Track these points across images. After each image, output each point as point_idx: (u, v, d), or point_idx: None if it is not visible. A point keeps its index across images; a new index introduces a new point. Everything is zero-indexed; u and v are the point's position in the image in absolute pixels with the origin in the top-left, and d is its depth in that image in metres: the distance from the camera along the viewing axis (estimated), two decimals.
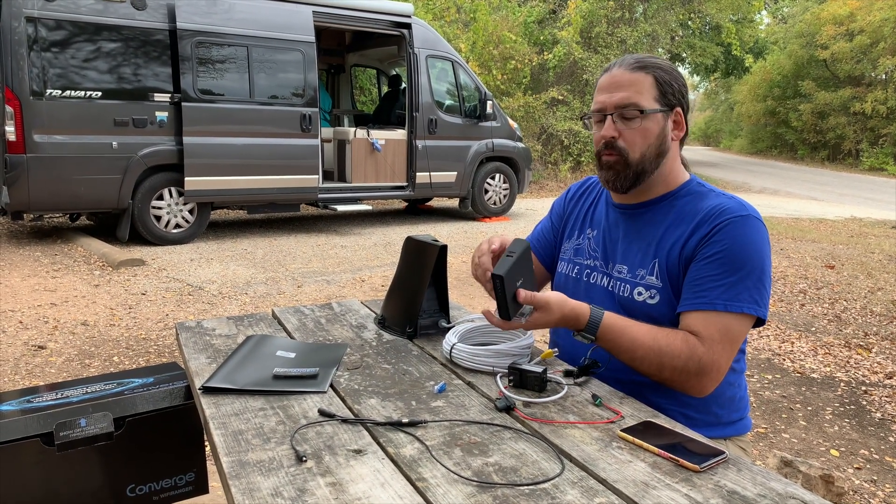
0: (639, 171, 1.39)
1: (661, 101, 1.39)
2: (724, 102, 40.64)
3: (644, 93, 1.37)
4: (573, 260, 1.57)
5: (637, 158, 1.38)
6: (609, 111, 1.39)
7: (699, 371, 1.26)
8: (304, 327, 1.64)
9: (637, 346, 1.27)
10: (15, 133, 5.87)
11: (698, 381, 1.27)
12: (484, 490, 0.90)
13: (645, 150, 1.38)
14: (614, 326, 1.28)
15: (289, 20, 7.20)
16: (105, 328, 4.15)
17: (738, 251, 1.29)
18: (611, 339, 1.28)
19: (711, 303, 1.28)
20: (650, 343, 1.27)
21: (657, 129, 1.39)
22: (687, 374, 1.26)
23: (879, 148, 22.46)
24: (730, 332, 1.27)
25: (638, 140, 1.38)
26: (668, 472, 0.96)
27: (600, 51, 15.65)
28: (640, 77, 1.38)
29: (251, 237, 7.49)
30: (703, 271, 1.30)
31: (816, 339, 4.30)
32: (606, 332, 1.28)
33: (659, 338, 1.27)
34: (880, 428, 3.08)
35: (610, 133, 1.38)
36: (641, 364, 1.28)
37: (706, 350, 1.26)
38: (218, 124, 6.80)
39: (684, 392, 1.31)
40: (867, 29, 21.98)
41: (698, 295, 1.30)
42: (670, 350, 1.26)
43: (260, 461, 0.97)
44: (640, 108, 1.37)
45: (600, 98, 1.41)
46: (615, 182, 1.41)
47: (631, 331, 1.28)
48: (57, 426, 1.42)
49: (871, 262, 6.82)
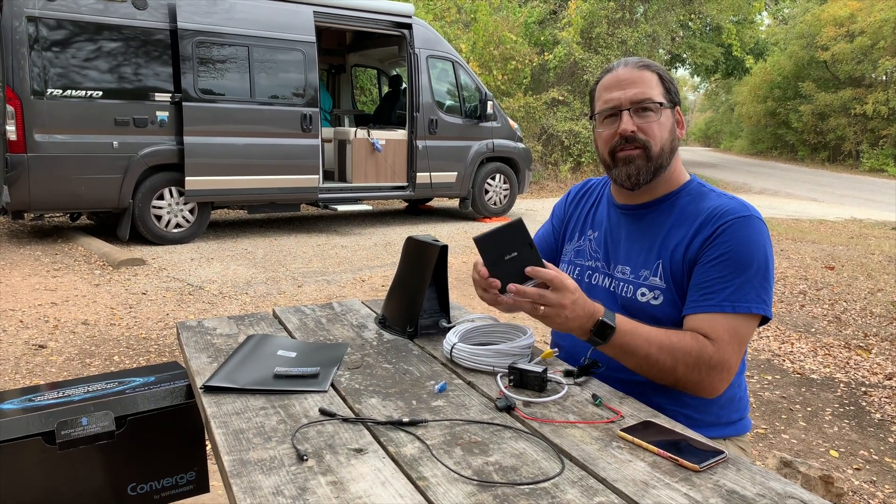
0: (658, 164, 1.40)
1: (667, 98, 1.41)
2: (725, 103, 40.67)
3: (654, 88, 1.40)
4: (574, 261, 1.57)
5: (658, 151, 1.39)
6: (625, 106, 1.39)
7: (710, 368, 1.25)
8: (304, 327, 1.64)
9: (652, 343, 1.25)
10: (16, 132, 5.87)
11: (710, 379, 1.27)
12: (484, 489, 0.91)
13: (664, 143, 1.40)
14: (627, 324, 1.26)
15: (289, 20, 7.20)
16: (105, 327, 4.16)
17: (743, 252, 1.29)
18: (627, 335, 1.24)
19: (719, 305, 1.28)
20: (663, 339, 1.26)
21: (669, 123, 1.41)
22: (699, 372, 1.25)
23: (880, 149, 22.47)
24: (738, 333, 1.28)
25: (657, 132, 1.39)
26: (668, 471, 0.96)
27: (601, 51, 15.65)
28: (646, 74, 1.41)
29: (252, 237, 7.49)
30: (709, 273, 1.30)
31: (816, 340, 4.30)
32: (624, 322, 1.25)
33: (670, 335, 1.27)
34: (880, 429, 3.09)
35: (630, 126, 1.38)
36: (656, 363, 1.26)
37: (716, 349, 1.26)
38: (218, 124, 6.80)
39: (696, 392, 1.30)
40: (868, 30, 21.99)
41: (705, 297, 1.29)
42: (682, 346, 1.25)
43: (261, 460, 0.98)
44: (656, 101, 1.38)
45: (612, 95, 1.41)
46: (638, 176, 1.40)
47: (644, 329, 1.27)
48: (58, 425, 1.42)
49: (871, 263, 6.82)
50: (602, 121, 1.44)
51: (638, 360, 1.27)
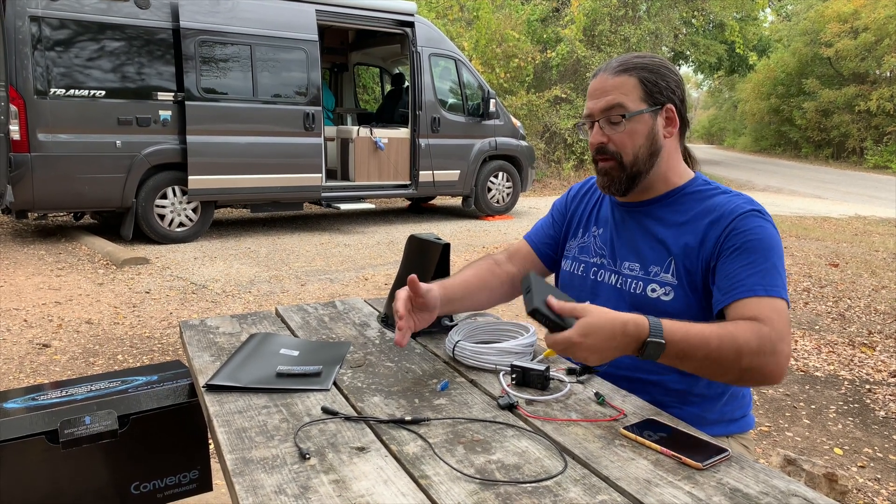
0: (633, 173, 1.39)
1: (648, 101, 1.38)
2: (728, 100, 40.56)
3: (629, 94, 1.37)
4: (578, 258, 1.56)
5: (630, 160, 1.39)
6: (596, 117, 1.40)
7: (773, 349, 1.18)
8: (307, 325, 1.64)
9: (711, 338, 1.16)
10: (19, 132, 5.88)
11: (776, 360, 1.18)
12: (486, 487, 0.90)
13: (636, 151, 1.38)
14: (677, 326, 1.16)
15: (292, 19, 7.20)
16: (109, 326, 4.16)
17: (763, 240, 1.28)
18: (682, 339, 1.15)
19: (752, 289, 1.24)
20: (720, 332, 1.17)
21: (645, 129, 1.38)
22: (764, 356, 1.17)
23: (884, 146, 22.39)
24: (781, 312, 1.22)
25: (627, 142, 1.38)
26: (671, 469, 0.96)
27: (604, 49, 15.63)
28: (622, 80, 1.38)
29: (255, 236, 7.50)
30: (734, 264, 1.28)
31: (820, 338, 4.29)
32: (675, 332, 1.15)
33: (725, 326, 1.19)
34: (884, 426, 3.08)
35: (598, 139, 1.40)
36: (718, 358, 1.16)
37: (770, 328, 1.19)
38: (221, 123, 6.81)
39: (762, 381, 1.21)
40: (872, 26, 21.91)
41: (735, 286, 1.26)
42: (741, 333, 1.17)
43: (263, 458, 0.98)
44: (623, 112, 1.37)
45: (588, 104, 1.43)
46: (611, 186, 1.42)
47: (696, 327, 1.17)
48: (61, 424, 1.42)
49: (876, 260, 6.80)
50: (587, 128, 1.46)
51: (698, 363, 1.19)
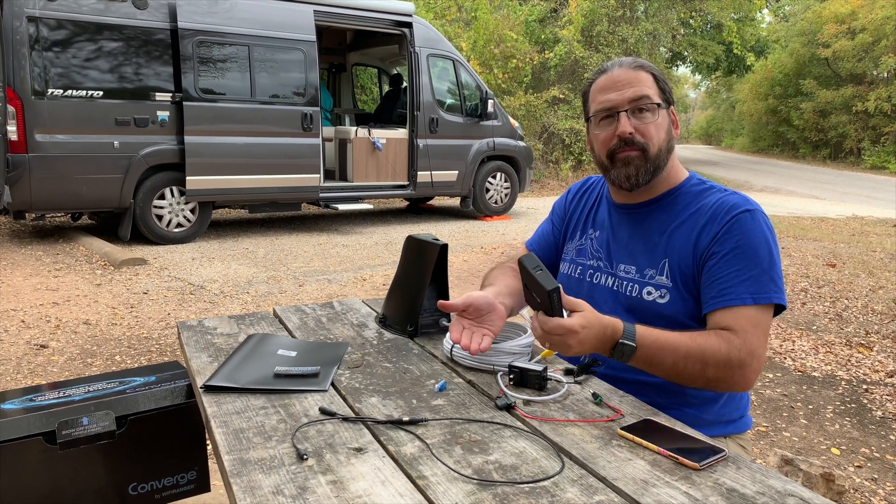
0: (656, 165, 1.40)
1: (662, 98, 1.41)
2: (726, 101, 40.61)
3: (650, 88, 1.39)
4: (575, 260, 1.57)
5: (656, 152, 1.39)
6: (623, 107, 1.38)
7: (741, 362, 1.23)
8: (305, 326, 1.64)
9: (679, 347, 1.23)
10: (17, 132, 5.88)
11: (742, 373, 1.24)
12: (484, 488, 0.91)
13: (660, 143, 1.39)
14: (650, 336, 1.24)
15: (290, 19, 7.20)
16: (107, 327, 4.16)
17: (754, 244, 1.30)
18: (652, 343, 1.23)
19: (740, 297, 1.27)
20: (689, 343, 1.24)
21: (666, 123, 1.41)
22: (730, 368, 1.23)
23: (881, 146, 22.44)
24: (761, 322, 1.27)
25: (653, 133, 1.38)
26: (668, 469, 0.96)
27: (601, 49, 15.64)
28: (642, 75, 1.40)
29: (252, 236, 7.50)
30: (723, 269, 1.30)
31: (817, 338, 4.29)
32: (646, 337, 1.23)
33: (695, 337, 1.25)
34: (881, 426, 3.08)
35: (629, 128, 1.37)
36: (685, 366, 1.24)
37: (742, 341, 1.24)
38: (219, 123, 6.81)
39: (729, 389, 1.29)
40: (869, 27, 21.96)
41: (723, 293, 1.29)
42: (709, 346, 1.23)
43: (261, 459, 0.98)
44: (653, 101, 1.38)
45: (608, 97, 1.40)
46: (637, 177, 1.39)
47: (667, 335, 1.25)
48: (59, 425, 1.42)
49: (873, 260, 6.81)
50: (598, 122, 1.43)
51: (666, 370, 1.26)
